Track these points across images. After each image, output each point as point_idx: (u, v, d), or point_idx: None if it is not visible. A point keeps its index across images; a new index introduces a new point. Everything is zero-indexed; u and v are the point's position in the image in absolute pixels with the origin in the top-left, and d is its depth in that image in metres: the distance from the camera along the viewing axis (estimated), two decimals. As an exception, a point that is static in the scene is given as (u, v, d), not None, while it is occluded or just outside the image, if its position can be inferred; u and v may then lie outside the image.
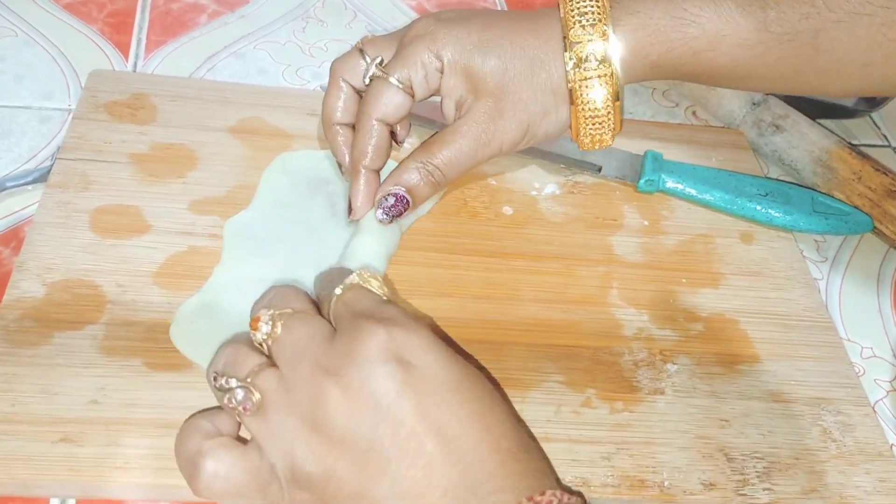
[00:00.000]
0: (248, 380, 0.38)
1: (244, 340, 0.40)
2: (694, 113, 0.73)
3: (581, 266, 0.56)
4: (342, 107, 0.52)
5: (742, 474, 0.47)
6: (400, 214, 0.50)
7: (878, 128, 0.75)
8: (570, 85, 0.48)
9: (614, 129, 0.49)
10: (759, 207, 0.59)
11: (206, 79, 0.66)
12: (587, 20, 0.47)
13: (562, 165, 0.62)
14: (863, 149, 0.67)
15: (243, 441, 0.39)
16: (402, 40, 0.50)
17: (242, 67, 0.69)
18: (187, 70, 0.67)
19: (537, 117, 0.49)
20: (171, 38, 0.70)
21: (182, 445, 0.39)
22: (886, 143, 0.74)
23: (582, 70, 0.47)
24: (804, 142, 0.66)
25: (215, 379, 0.39)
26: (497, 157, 0.50)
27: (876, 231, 0.63)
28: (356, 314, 0.39)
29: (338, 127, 0.52)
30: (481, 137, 0.49)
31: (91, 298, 0.49)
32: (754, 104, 0.69)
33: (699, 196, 0.60)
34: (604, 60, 0.47)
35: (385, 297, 0.41)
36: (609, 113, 0.48)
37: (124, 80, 0.62)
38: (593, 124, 0.49)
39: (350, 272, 0.42)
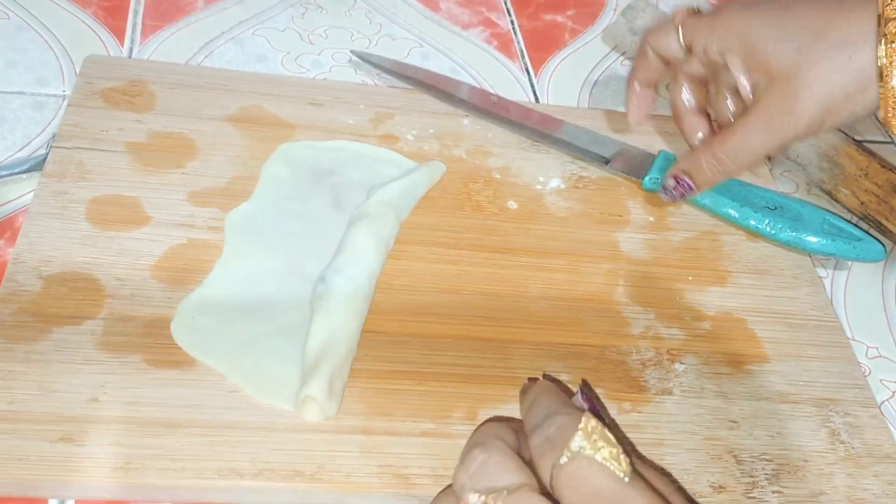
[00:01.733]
0: None
1: None
2: (698, 106, 0.72)
3: (587, 262, 0.56)
4: (646, 71, 0.55)
5: (751, 476, 0.47)
6: (683, 196, 0.53)
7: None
8: (880, 62, 0.44)
9: None
10: (767, 221, 0.57)
11: (203, 66, 0.65)
12: None
13: (568, 156, 0.62)
14: (868, 145, 0.67)
15: None
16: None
17: (241, 54, 0.67)
18: (184, 56, 0.66)
19: (838, 98, 0.46)
20: (168, 23, 0.68)
21: None
22: (890, 140, 0.73)
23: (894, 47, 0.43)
24: (811, 137, 0.66)
25: None
26: (795, 141, 0.49)
27: (881, 229, 0.62)
28: (590, 498, 0.31)
29: (637, 84, 0.56)
30: (774, 121, 0.47)
31: (89, 292, 0.47)
32: (760, 99, 0.68)
33: (704, 201, 0.59)
34: None
35: (623, 474, 0.32)
36: None
37: (120, 66, 0.61)
38: None
39: (573, 426, 0.32)
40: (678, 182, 0.53)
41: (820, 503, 0.47)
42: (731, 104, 0.52)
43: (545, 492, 0.32)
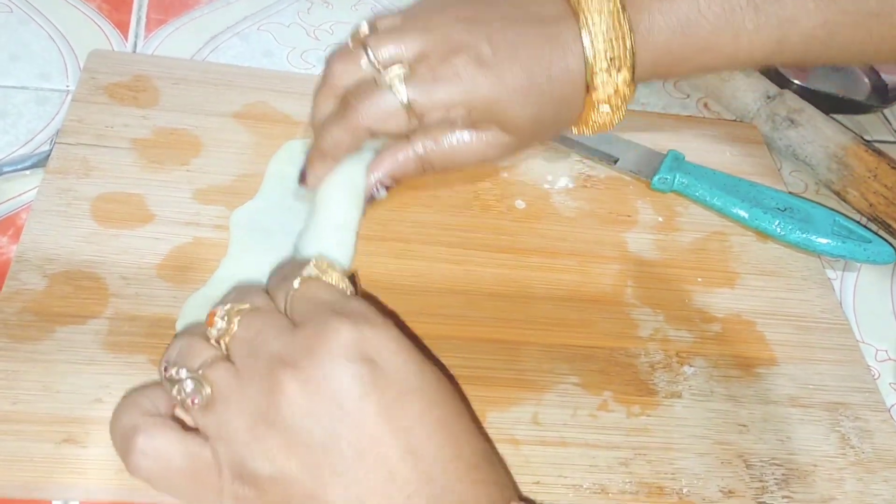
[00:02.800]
0: (200, 371, 0.35)
1: (200, 333, 0.38)
2: (706, 105, 0.72)
3: (595, 263, 0.55)
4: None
5: (761, 481, 0.46)
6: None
7: (890, 123, 0.74)
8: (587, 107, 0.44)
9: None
10: (776, 222, 0.57)
11: (209, 61, 0.64)
12: (611, 65, 0.42)
13: (576, 155, 0.61)
14: (877, 146, 0.66)
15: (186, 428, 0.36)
16: (434, 65, 0.42)
17: (246, 49, 0.67)
18: (189, 51, 0.65)
19: (551, 139, 0.47)
20: (173, 17, 0.67)
21: (117, 420, 0.36)
22: (899, 140, 0.73)
23: (603, 101, 0.43)
24: (819, 137, 0.65)
25: (165, 369, 0.36)
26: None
27: (890, 231, 0.62)
28: (318, 307, 0.36)
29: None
30: (489, 156, 0.45)
31: (93, 291, 0.47)
32: (769, 98, 0.68)
33: (713, 201, 0.59)
34: (625, 97, 0.43)
35: (347, 289, 0.38)
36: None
37: (125, 60, 0.60)
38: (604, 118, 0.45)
39: (306, 262, 0.39)
40: (386, 187, 0.45)
41: (830, 509, 0.46)
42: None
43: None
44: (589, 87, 0.43)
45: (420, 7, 0.45)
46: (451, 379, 0.41)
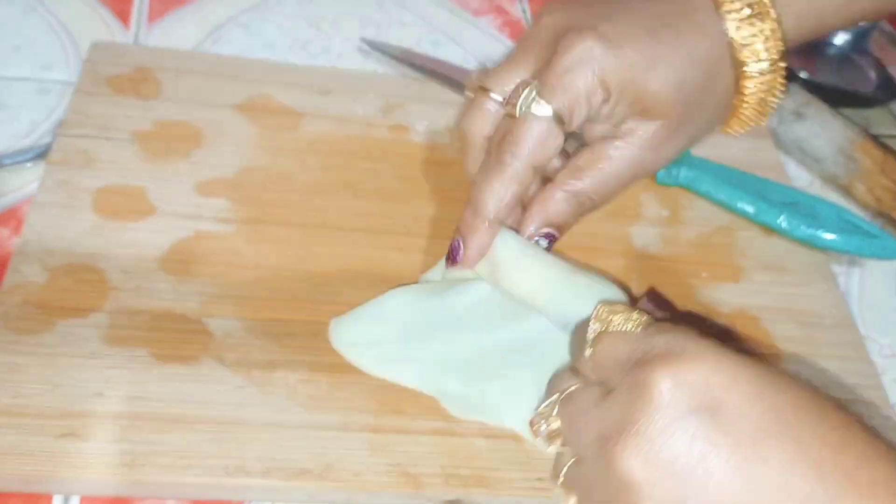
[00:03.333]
0: (560, 482, 0.34)
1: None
2: (711, 98, 0.71)
3: (600, 257, 0.55)
4: (483, 123, 0.44)
5: (765, 478, 0.46)
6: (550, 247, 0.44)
7: (897, 117, 0.74)
8: (740, 91, 0.43)
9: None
10: (782, 217, 0.57)
11: (211, 52, 0.64)
12: (752, 14, 0.41)
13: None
14: (884, 140, 0.66)
15: None
16: (555, 62, 0.41)
17: (248, 41, 0.66)
18: (191, 42, 0.65)
19: (703, 132, 0.44)
20: (174, 7, 0.67)
21: None
22: (906, 134, 0.73)
23: (757, 73, 0.42)
24: (827, 131, 0.65)
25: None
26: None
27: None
28: (622, 365, 0.32)
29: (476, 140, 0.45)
30: (645, 160, 0.43)
31: (95, 284, 0.47)
32: (775, 91, 0.67)
33: (719, 196, 0.58)
34: (780, 57, 0.42)
35: (641, 326, 0.34)
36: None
37: (127, 52, 0.60)
38: (758, 108, 0.44)
39: (588, 321, 0.35)
40: (549, 240, 0.44)
41: (834, 506, 0.46)
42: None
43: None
44: (736, 66, 0.41)
45: (530, 27, 0.44)
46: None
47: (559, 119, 0.40)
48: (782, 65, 0.43)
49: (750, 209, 0.57)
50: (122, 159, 0.53)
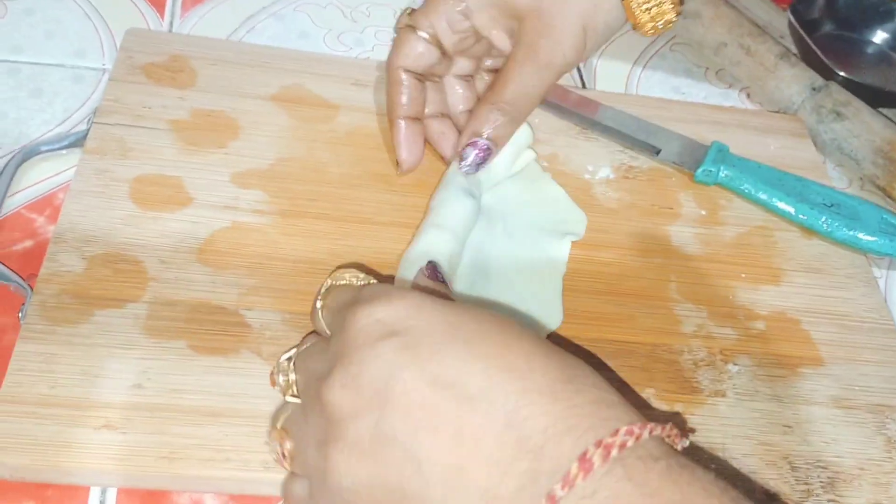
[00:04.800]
0: (279, 426, 0.37)
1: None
2: (748, 95, 0.70)
3: (637, 256, 0.54)
4: (407, 98, 0.52)
5: (806, 484, 0.46)
6: (485, 161, 0.49)
7: (936, 118, 0.73)
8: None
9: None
10: (823, 218, 0.56)
11: (245, 41, 0.63)
12: None
13: (619, 145, 0.60)
14: (925, 141, 0.65)
15: None
16: None
17: (282, 30, 0.66)
18: (225, 31, 0.64)
19: (589, 13, 0.48)
20: (209, -3, 0.67)
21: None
22: (945, 135, 0.71)
23: None
24: (866, 131, 0.64)
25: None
26: (567, 72, 0.49)
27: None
28: (339, 311, 0.35)
29: (402, 121, 0.52)
30: (540, 57, 0.48)
31: (132, 274, 0.46)
32: (814, 89, 0.66)
33: (759, 195, 0.57)
34: None
35: (361, 282, 0.38)
36: None
37: (162, 40, 0.59)
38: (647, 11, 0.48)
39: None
40: (476, 147, 0.49)
41: (876, 513, 0.45)
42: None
43: None
44: None
45: None
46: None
47: (429, 34, 0.50)
48: None
49: (790, 209, 0.57)
50: (158, 148, 0.52)
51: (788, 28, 0.73)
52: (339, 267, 0.40)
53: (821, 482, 0.46)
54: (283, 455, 0.36)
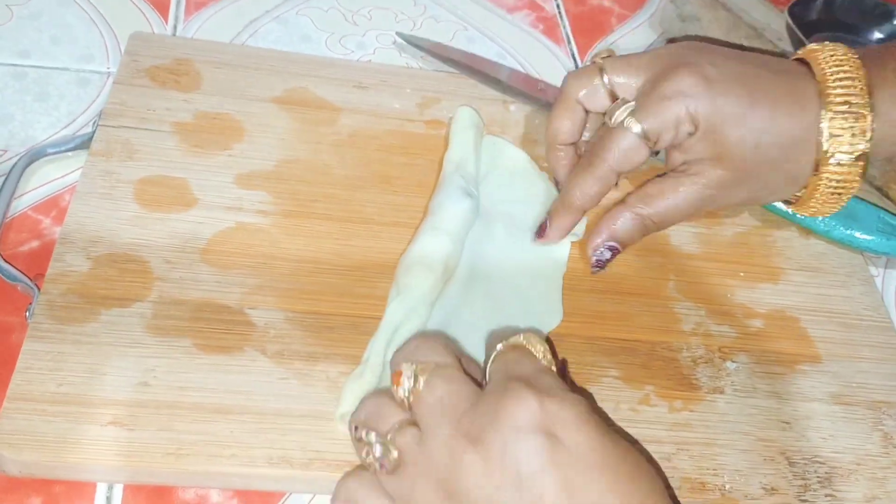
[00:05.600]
0: (389, 436, 0.37)
1: (388, 393, 0.39)
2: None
3: (636, 256, 0.55)
4: (570, 129, 0.50)
5: (804, 479, 0.46)
6: (609, 261, 0.48)
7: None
8: (817, 174, 0.46)
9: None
10: (820, 218, 0.56)
11: (248, 45, 0.64)
12: (850, 111, 0.44)
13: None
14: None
15: None
16: (657, 86, 0.45)
17: (285, 34, 0.67)
18: (228, 35, 0.65)
19: (767, 195, 0.48)
20: (212, 1, 0.67)
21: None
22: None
23: (835, 164, 0.45)
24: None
25: (356, 429, 0.38)
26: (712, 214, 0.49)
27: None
28: (510, 376, 0.36)
29: (561, 148, 0.51)
30: (706, 199, 0.46)
31: (138, 274, 0.47)
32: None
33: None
34: (860, 156, 0.45)
35: (546, 365, 0.38)
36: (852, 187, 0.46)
37: (166, 44, 0.60)
38: (829, 198, 0.47)
39: (514, 333, 0.40)
40: (613, 252, 0.48)
41: (873, 508, 0.46)
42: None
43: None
44: (818, 153, 0.45)
45: (647, 52, 0.49)
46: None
47: (646, 137, 0.45)
48: (861, 164, 0.45)
49: (788, 209, 0.57)
50: (163, 150, 0.53)
51: (786, 30, 0.74)
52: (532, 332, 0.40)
53: (818, 477, 0.46)
54: (382, 463, 0.36)
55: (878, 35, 0.76)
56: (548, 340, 0.47)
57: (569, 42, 0.72)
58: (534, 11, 0.74)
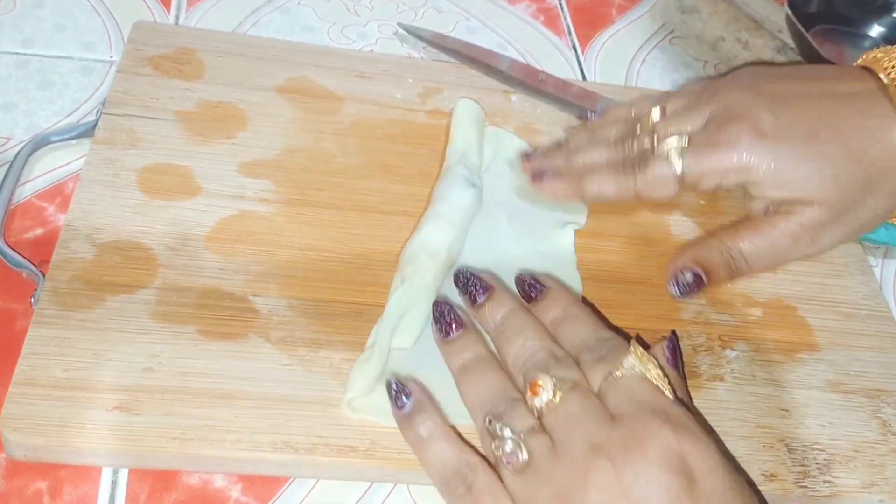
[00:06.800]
0: (522, 436, 0.37)
1: (520, 396, 0.40)
2: (746, 89, 0.71)
3: (638, 245, 0.55)
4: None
5: (803, 465, 0.47)
6: (691, 294, 0.45)
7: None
8: None
9: None
10: None
11: (251, 34, 0.64)
12: None
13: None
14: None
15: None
16: (712, 135, 0.43)
17: (287, 24, 0.67)
18: (230, 25, 0.65)
19: (871, 222, 0.45)
20: (214, -10, 0.67)
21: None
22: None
23: None
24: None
25: (490, 421, 0.39)
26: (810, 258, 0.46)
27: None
28: (640, 405, 0.37)
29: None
30: (800, 241, 0.44)
31: (142, 261, 0.47)
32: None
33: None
34: None
35: (670, 394, 0.38)
36: None
37: (169, 33, 0.60)
38: None
39: (623, 346, 0.40)
40: (696, 278, 0.45)
41: (871, 494, 0.46)
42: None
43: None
44: None
45: (712, 83, 0.46)
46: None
47: (682, 180, 0.43)
48: None
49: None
50: (167, 139, 0.53)
51: (786, 22, 0.74)
52: (640, 347, 0.40)
53: (817, 464, 0.47)
54: (510, 460, 0.37)
55: (877, 28, 0.76)
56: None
57: (569, 33, 0.72)
58: (534, 2, 0.74)
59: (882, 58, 0.45)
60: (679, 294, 0.45)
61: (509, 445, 0.37)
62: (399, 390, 0.41)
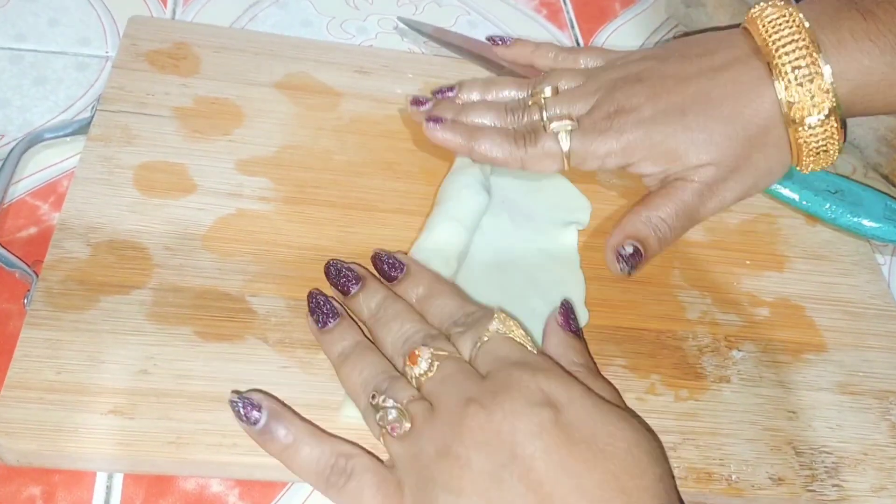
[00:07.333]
0: (404, 404, 0.39)
1: (392, 368, 0.42)
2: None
3: (642, 243, 0.54)
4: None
5: (811, 469, 0.46)
6: (636, 266, 0.47)
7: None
8: (796, 140, 0.46)
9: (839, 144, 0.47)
10: (827, 205, 0.56)
11: (248, 29, 0.63)
12: (802, 74, 0.44)
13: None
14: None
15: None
16: (596, 121, 0.48)
17: (285, 18, 0.66)
18: (227, 19, 0.64)
19: (765, 177, 0.48)
20: (211, -16, 0.66)
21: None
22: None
23: (808, 127, 0.45)
24: (869, 119, 0.64)
25: (373, 396, 0.40)
26: (720, 211, 0.49)
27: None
28: (508, 363, 0.39)
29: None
30: (707, 195, 0.48)
31: (138, 261, 0.46)
32: (818, 77, 0.66)
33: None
34: (830, 113, 0.45)
35: (532, 348, 0.41)
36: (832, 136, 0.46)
37: (165, 27, 0.59)
38: (819, 156, 0.47)
39: (488, 314, 0.42)
40: (636, 250, 0.47)
41: (881, 498, 0.45)
42: None
43: None
44: (787, 121, 0.45)
45: (610, 62, 0.52)
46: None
47: (568, 158, 0.48)
48: (833, 119, 0.45)
49: (794, 196, 0.57)
50: (163, 136, 0.52)
51: (792, 16, 0.73)
52: (503, 312, 0.42)
53: (825, 467, 0.46)
54: (394, 427, 0.38)
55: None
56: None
57: (572, 27, 0.71)
58: (537, -4, 0.73)
59: (758, 15, 0.47)
60: (626, 268, 0.47)
61: (393, 414, 0.38)
62: (247, 405, 0.40)
